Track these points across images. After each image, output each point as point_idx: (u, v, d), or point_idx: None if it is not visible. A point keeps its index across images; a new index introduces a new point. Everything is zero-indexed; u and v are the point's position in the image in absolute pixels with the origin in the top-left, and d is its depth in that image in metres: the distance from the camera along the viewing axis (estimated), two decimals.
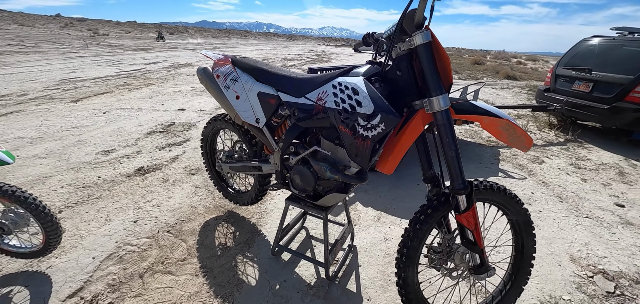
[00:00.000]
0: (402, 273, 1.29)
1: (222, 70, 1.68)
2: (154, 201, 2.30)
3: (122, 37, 23.31)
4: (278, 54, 18.51)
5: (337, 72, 1.37)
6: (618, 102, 3.98)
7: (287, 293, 1.56)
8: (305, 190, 1.54)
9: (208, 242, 1.90)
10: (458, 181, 1.18)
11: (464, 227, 1.24)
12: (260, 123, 1.58)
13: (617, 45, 4.39)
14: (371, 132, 1.20)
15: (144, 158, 3.01)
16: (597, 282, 1.79)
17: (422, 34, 1.10)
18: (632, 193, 2.92)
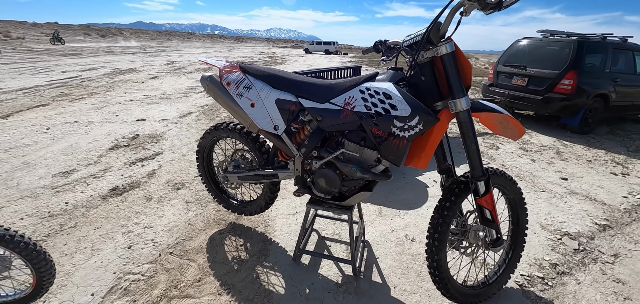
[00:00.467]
0: (435, 256, 1.40)
1: (233, 78, 1.62)
2: (143, 222, 2.08)
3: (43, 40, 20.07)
4: (228, 57, 17.82)
5: (361, 78, 1.43)
6: (548, 94, 4.74)
7: (319, 295, 1.57)
8: (330, 192, 1.56)
9: (219, 258, 1.80)
10: (478, 169, 1.34)
11: (483, 207, 1.40)
12: (279, 130, 1.55)
13: (543, 45, 5.22)
14: (408, 132, 1.28)
15: (115, 177, 2.69)
16: (565, 242, 2.14)
17: (447, 44, 1.23)
18: (570, 168, 3.52)
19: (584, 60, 4.63)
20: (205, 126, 4.32)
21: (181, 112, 4.94)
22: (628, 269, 1.94)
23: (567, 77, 4.57)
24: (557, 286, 1.76)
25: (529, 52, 5.34)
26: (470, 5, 1.14)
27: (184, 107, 5.31)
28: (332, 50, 35.61)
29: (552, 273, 1.86)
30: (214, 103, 5.75)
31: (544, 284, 1.76)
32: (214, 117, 4.81)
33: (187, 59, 14.56)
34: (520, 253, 1.66)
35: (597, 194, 2.92)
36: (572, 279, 1.82)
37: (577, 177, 3.28)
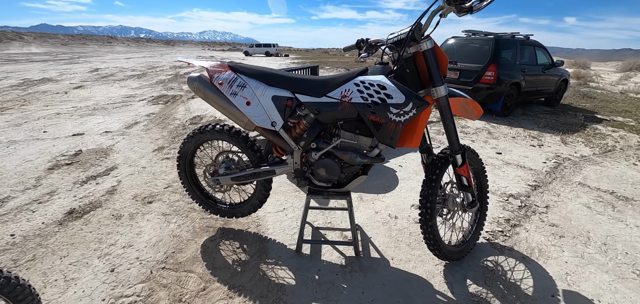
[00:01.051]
0: (428, 223, 1.61)
1: (225, 78, 1.59)
2: (120, 242, 1.88)
3: None
4: (161, 62, 16.40)
5: (353, 73, 1.54)
6: (476, 84, 5.55)
7: (329, 278, 1.65)
8: (330, 180, 1.66)
9: (219, 263, 1.74)
10: (456, 145, 1.58)
11: (461, 176, 1.66)
12: (276, 126, 1.59)
13: (468, 43, 6.07)
14: (403, 117, 1.45)
15: (67, 199, 2.34)
16: (511, 202, 2.60)
17: (428, 41, 1.43)
18: (501, 144, 4.20)
19: (501, 54, 5.54)
20: (158, 135, 3.98)
21: (125, 123, 4.45)
22: (557, 215, 2.45)
23: (489, 69, 5.41)
24: (513, 236, 2.14)
25: (457, 49, 6.16)
26: (448, 8, 1.35)
27: (126, 117, 4.78)
28: (273, 52, 35.36)
29: (507, 226, 2.25)
30: (161, 111, 5.30)
31: (504, 236, 2.13)
32: (165, 125, 4.45)
33: (115, 65, 12.95)
34: (486, 212, 1.98)
35: (525, 162, 3.57)
36: (522, 229, 2.23)
37: (508, 151, 3.95)
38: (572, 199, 2.72)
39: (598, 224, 2.35)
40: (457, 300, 1.57)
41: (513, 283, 1.70)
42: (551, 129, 5.06)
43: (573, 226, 2.30)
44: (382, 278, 1.68)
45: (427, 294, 1.59)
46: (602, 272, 1.84)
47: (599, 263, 1.92)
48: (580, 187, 2.98)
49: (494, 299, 1.59)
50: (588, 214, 2.49)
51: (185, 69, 13.11)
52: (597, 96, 8.62)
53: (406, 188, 2.75)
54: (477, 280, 1.71)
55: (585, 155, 3.90)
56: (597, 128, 5.24)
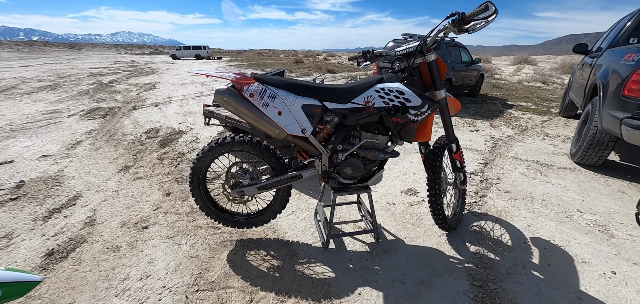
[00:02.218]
0: (437, 202, 1.91)
1: (255, 90, 1.61)
2: (133, 275, 1.71)
3: None
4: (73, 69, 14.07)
5: (372, 80, 1.74)
6: None
7: (362, 264, 1.81)
8: (355, 177, 1.82)
9: (254, 274, 1.74)
10: (452, 136, 1.92)
11: (455, 160, 2.01)
12: (307, 132, 1.68)
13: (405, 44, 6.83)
14: (420, 117, 1.70)
15: (35, 240, 1.99)
16: (474, 178, 3.13)
17: (433, 54, 1.72)
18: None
19: None
20: (114, 154, 3.55)
21: (64, 144, 3.81)
22: (507, 184, 3.05)
23: None
24: (484, 205, 2.61)
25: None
26: (450, 28, 1.63)
27: (62, 136, 4.08)
28: (204, 55, 33.22)
29: (477, 198, 2.73)
30: (103, 126, 4.66)
31: (477, 205, 2.59)
32: (117, 142, 3.96)
33: (11, 75, 10.57)
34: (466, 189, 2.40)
35: (471, 145, 4.26)
36: (487, 198, 2.74)
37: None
38: (513, 170, 3.41)
39: (535, 187, 3.01)
40: (465, 259, 1.90)
41: (497, 239, 2.13)
42: (480, 116, 6.07)
43: (520, 190, 2.91)
44: (404, 255, 1.92)
45: (442, 260, 1.89)
46: (549, 220, 2.41)
47: (545, 214, 2.50)
48: (515, 160, 3.73)
49: (489, 253, 1.98)
50: (526, 180, 3.17)
51: (107, 76, 11.51)
52: (503, 86, 10.54)
53: (391, 178, 3.07)
54: (472, 242, 2.08)
55: (510, 135, 4.84)
56: (511, 113, 6.48)
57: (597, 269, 1.86)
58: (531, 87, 10.53)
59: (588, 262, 1.93)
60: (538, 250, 2.03)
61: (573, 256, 1.99)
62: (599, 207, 2.62)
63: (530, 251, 2.02)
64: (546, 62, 20.88)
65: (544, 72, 14.54)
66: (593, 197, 2.81)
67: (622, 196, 2.86)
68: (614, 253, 2.02)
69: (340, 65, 19.48)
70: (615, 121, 2.87)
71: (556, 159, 3.79)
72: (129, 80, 10.81)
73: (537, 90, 9.84)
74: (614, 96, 3.00)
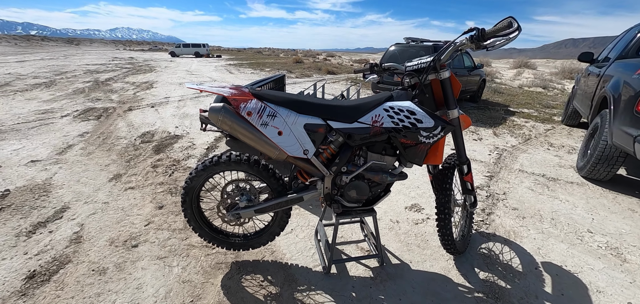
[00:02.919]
0: (447, 227, 1.80)
1: (252, 107, 1.48)
2: (119, 301, 1.59)
3: None
4: (70, 65, 13.88)
5: (381, 98, 1.61)
6: None
7: (366, 293, 1.70)
8: (360, 200, 1.70)
9: (251, 300, 1.63)
10: (464, 157, 1.81)
11: (466, 182, 1.89)
12: (309, 154, 1.56)
13: (408, 49, 6.71)
14: (432, 139, 1.57)
15: (17, 260, 1.86)
16: (480, 193, 3.02)
17: (447, 71, 1.59)
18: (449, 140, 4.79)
19: None
20: (107, 160, 3.41)
21: (55, 148, 3.67)
22: (514, 199, 2.94)
23: None
24: (491, 223, 2.50)
25: (400, 54, 6.76)
26: (467, 45, 1.51)
27: (53, 139, 3.94)
28: (203, 52, 32.99)
29: (483, 215, 2.62)
30: (97, 129, 4.52)
31: (485, 224, 2.48)
32: (110, 147, 3.82)
33: (6, 71, 10.36)
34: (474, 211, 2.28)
35: (475, 156, 4.15)
36: (494, 216, 2.63)
37: None
38: (519, 184, 3.30)
39: (543, 203, 2.90)
40: (474, 288, 1.79)
41: (506, 264, 2.02)
42: (483, 123, 5.97)
43: (527, 207, 2.80)
44: (410, 282, 1.80)
45: (450, 288, 1.78)
46: (559, 242, 2.30)
47: (554, 235, 2.39)
48: (521, 173, 3.62)
49: (499, 280, 1.86)
50: (533, 195, 3.06)
51: (104, 74, 11.33)
52: (504, 91, 10.45)
53: (394, 192, 2.95)
54: (481, 267, 1.97)
55: (514, 145, 4.74)
56: (513, 120, 6.38)
57: (612, 300, 1.76)
58: (532, 92, 10.45)
59: (603, 291, 1.83)
60: (550, 277, 1.92)
61: (587, 283, 1.88)
62: (609, 228, 2.52)
63: (542, 278, 1.91)
64: (546, 66, 20.84)
65: (544, 76, 14.47)
66: (603, 215, 2.71)
67: (632, 215, 2.76)
68: (629, 281, 1.92)
69: (340, 66, 19.35)
70: (628, 137, 2.76)
71: (563, 172, 3.69)
72: (126, 78, 10.64)
73: (538, 96, 9.76)
74: (626, 111, 2.90)
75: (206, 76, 12.72)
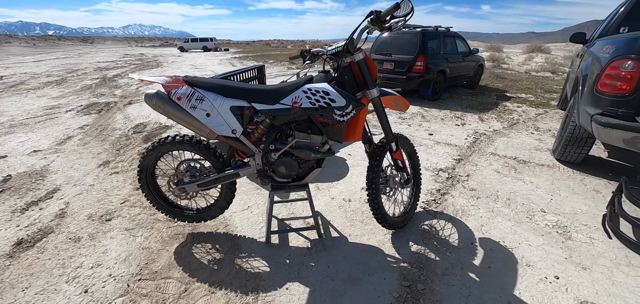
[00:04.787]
0: (375, 201, 1.95)
1: (182, 93, 1.67)
2: (86, 263, 1.87)
3: None
4: (82, 63, 14.57)
5: (301, 81, 1.78)
6: (409, 73, 6.22)
7: (299, 260, 1.90)
8: (290, 176, 1.88)
9: (195, 266, 1.86)
10: (390, 135, 1.95)
11: (396, 160, 2.04)
12: (237, 133, 1.74)
13: (399, 35, 6.71)
14: (345, 117, 1.73)
15: (9, 231, 2.17)
16: (441, 175, 3.14)
17: (360, 53, 1.74)
18: (433, 126, 4.87)
19: (427, 46, 6.28)
20: (99, 149, 3.74)
21: (56, 139, 4.04)
22: (475, 181, 3.04)
23: (419, 60, 6.11)
24: (442, 202, 2.63)
25: (391, 42, 6.78)
26: (372, 28, 1.65)
27: (55, 132, 4.33)
28: (211, 47, 33.54)
29: (438, 195, 2.74)
30: (96, 122, 4.89)
31: (435, 203, 2.61)
32: (104, 137, 4.16)
33: (23, 71, 11.09)
34: (420, 186, 2.41)
35: (451, 140, 4.23)
36: (449, 196, 2.75)
37: (438, 131, 4.61)
38: (486, 167, 3.38)
39: (504, 184, 2.99)
40: (402, 258, 1.95)
41: (444, 239, 2.16)
42: (471, 109, 5.96)
43: (487, 188, 2.90)
44: (343, 252, 1.99)
45: (380, 258, 1.94)
46: (506, 220, 2.40)
47: (504, 214, 2.49)
48: (492, 156, 3.69)
49: (430, 253, 2.01)
50: (497, 177, 3.14)
51: (112, 71, 11.88)
52: (507, 76, 10.22)
53: (356, 174, 3.12)
54: (417, 241, 2.12)
55: (497, 129, 4.75)
56: (506, 105, 6.32)
57: (539, 274, 1.85)
58: (538, 77, 10.17)
59: (533, 265, 1.93)
60: (483, 251, 2.04)
61: (518, 258, 1.98)
62: (565, 208, 2.59)
63: (474, 252, 2.03)
64: (563, 50, 19.93)
65: (555, 61, 13.94)
66: (563, 196, 2.78)
67: (595, 195, 2.80)
68: (564, 257, 2.01)
69: None
70: (587, 117, 2.79)
71: (537, 155, 3.72)
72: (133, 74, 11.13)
73: (543, 81, 9.50)
74: (589, 91, 2.91)
75: (210, 69, 13.07)
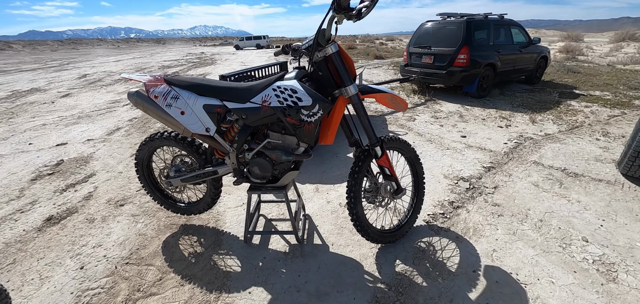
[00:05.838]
0: (353, 210, 1.79)
1: (160, 91, 1.74)
2: (90, 243, 2.09)
3: None
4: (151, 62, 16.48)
5: (273, 78, 1.69)
6: (450, 68, 5.65)
7: (271, 265, 1.85)
8: (264, 177, 1.82)
9: (176, 256, 1.95)
10: (372, 138, 1.75)
11: (382, 167, 1.84)
12: (210, 131, 1.73)
13: (442, 26, 6.13)
14: (313, 117, 1.61)
15: (47, 207, 2.56)
16: (460, 185, 2.77)
17: (332, 46, 1.58)
18: (469, 127, 4.35)
19: (473, 36, 5.62)
20: (138, 140, 4.17)
21: (108, 130, 4.64)
22: (503, 195, 2.62)
23: (461, 52, 5.50)
24: (453, 217, 2.32)
25: (433, 34, 6.23)
26: (340, 17, 1.49)
27: (109, 123, 4.97)
28: (264, 44, 35.10)
29: (449, 208, 2.43)
30: (143, 116, 5.47)
31: (444, 217, 2.32)
32: (145, 129, 4.63)
33: (103, 69, 13.05)
34: (422, 198, 2.15)
35: (487, 144, 3.72)
36: (463, 210, 2.41)
37: (473, 133, 4.10)
38: (522, 178, 2.89)
39: (540, 202, 2.51)
40: (382, 279, 1.76)
41: (440, 261, 1.89)
42: (524, 108, 5.18)
43: (515, 205, 2.48)
44: (319, 262, 1.88)
45: (356, 275, 1.79)
46: (529, 247, 2.00)
47: (529, 238, 2.09)
48: (534, 166, 3.14)
49: (418, 276, 1.78)
50: (533, 192, 2.66)
51: (172, 69, 13.22)
52: (582, 70, 8.66)
53: None
54: (406, 260, 1.89)
55: (550, 133, 4.04)
56: (570, 104, 5.35)
57: None
58: (623, 71, 8.39)
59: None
60: (485, 283, 1.73)
61: (531, 299, 1.63)
62: (619, 239, 2.08)
63: (473, 282, 1.73)
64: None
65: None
66: (619, 223, 2.24)
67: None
68: None
69: (393, 50, 18.47)
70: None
71: (595, 167, 3.07)
72: (189, 71, 12.25)
73: (630, 75, 7.80)
74: None
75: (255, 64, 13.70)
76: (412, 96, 6.26)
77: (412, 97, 6.12)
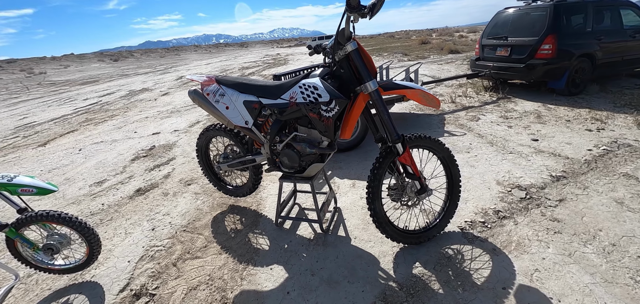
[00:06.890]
0: (371, 205, 1.81)
1: (211, 89, 2.07)
2: (162, 211, 2.62)
3: (63, 72, 21.64)
4: (234, 64, 18.52)
5: (300, 76, 1.84)
6: (530, 61, 4.90)
7: (295, 248, 2.03)
8: (293, 167, 1.99)
9: (221, 230, 2.29)
10: (393, 135, 1.73)
11: (404, 165, 1.80)
12: (249, 124, 2.00)
13: (524, 13, 5.34)
14: (331, 113, 1.70)
15: (138, 181, 3.26)
16: (514, 193, 2.47)
17: (351, 43, 1.63)
18: (545, 129, 3.75)
19: (563, 23, 4.75)
20: None
21: (190, 123, 5.53)
22: (569, 210, 2.24)
23: (546, 42, 4.72)
24: (494, 228, 2.10)
25: (512, 22, 5.48)
26: (355, 16, 1.53)
27: (192, 117, 5.89)
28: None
29: (493, 217, 2.20)
30: None
31: (483, 226, 2.12)
32: None
33: (196, 71, 15.36)
34: (457, 201, 2.01)
35: (563, 150, 3.17)
36: (510, 221, 2.16)
37: (549, 137, 3.52)
38: (602, 193, 2.40)
39: (619, 223, 2.07)
40: (395, 278, 1.75)
41: (465, 271, 1.76)
42: (630, 108, 4.18)
43: (582, 223, 2.10)
44: (338, 252, 1.96)
45: (370, 269, 1.81)
46: (586, 273, 1.70)
47: (590, 263, 1.76)
48: (623, 179, 2.57)
49: (435, 282, 1.70)
50: (613, 209, 2.20)
51: (250, 69, 14.65)
52: None
53: None
54: (427, 264, 1.82)
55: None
56: None
57: None
58: None
59: None
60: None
61: None
62: None
63: (499, 300, 1.57)
64: None
65: None
66: None
67: None
68: None
69: (472, 44, 16.71)
70: None
71: None
72: (263, 71, 13.43)
73: None
74: None
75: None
76: (482, 93, 5.65)
77: (482, 95, 5.53)
